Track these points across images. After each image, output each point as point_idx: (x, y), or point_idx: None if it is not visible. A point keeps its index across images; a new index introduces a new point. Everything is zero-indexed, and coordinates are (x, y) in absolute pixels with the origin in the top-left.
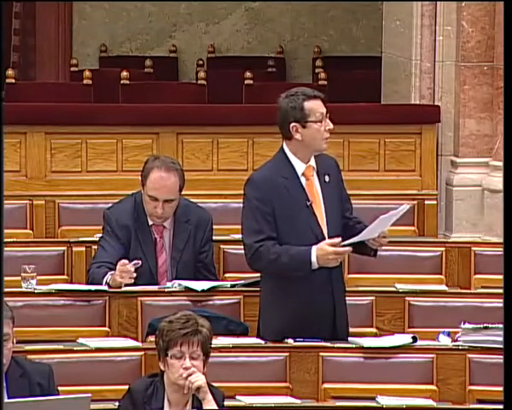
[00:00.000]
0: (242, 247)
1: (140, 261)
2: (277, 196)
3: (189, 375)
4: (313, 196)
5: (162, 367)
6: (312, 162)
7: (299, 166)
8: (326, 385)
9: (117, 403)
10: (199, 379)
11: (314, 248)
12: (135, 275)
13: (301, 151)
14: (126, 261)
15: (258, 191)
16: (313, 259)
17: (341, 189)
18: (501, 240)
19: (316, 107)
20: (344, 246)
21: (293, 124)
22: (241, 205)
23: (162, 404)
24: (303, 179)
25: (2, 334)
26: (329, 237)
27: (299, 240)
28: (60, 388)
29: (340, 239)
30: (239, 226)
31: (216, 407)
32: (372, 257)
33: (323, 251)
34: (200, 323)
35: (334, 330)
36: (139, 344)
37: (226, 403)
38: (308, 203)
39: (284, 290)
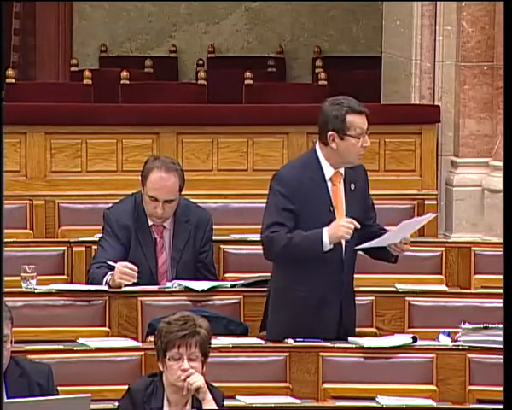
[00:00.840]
0: (245, 245)
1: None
2: (302, 195)
3: (188, 377)
4: (336, 201)
5: (161, 368)
6: (341, 169)
7: (328, 171)
8: (326, 385)
9: (117, 403)
10: (197, 380)
11: (325, 228)
12: (136, 276)
13: (333, 159)
14: (128, 264)
15: (284, 188)
16: (325, 239)
17: (366, 196)
18: (501, 240)
19: (357, 122)
20: (363, 249)
21: (331, 132)
22: (242, 204)
23: (162, 404)
24: (329, 184)
25: (3, 334)
26: (346, 244)
27: None
28: (60, 388)
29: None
30: (239, 226)
31: (216, 406)
32: (393, 263)
33: (334, 222)
34: (198, 324)
35: (339, 333)
36: (139, 344)
37: (226, 403)
38: (331, 209)
39: (291, 292)
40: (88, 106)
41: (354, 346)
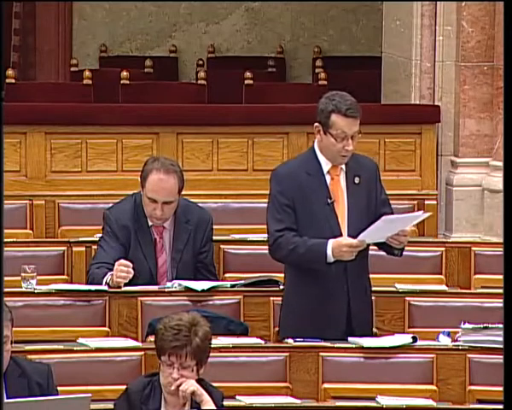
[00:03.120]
0: (245, 245)
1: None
2: (298, 190)
3: (178, 385)
4: (337, 195)
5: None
6: None
7: (326, 164)
8: (326, 385)
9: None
10: (189, 385)
11: (330, 241)
12: (132, 272)
13: (322, 151)
14: (124, 261)
15: (279, 185)
16: (328, 252)
17: (376, 192)
18: (501, 240)
19: (341, 124)
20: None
21: (316, 124)
22: (242, 204)
23: (159, 404)
24: (328, 177)
25: (3, 334)
26: (349, 237)
27: (318, 237)
28: (60, 388)
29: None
30: (239, 226)
31: (214, 406)
32: (399, 257)
33: (338, 243)
34: (193, 332)
35: (350, 330)
36: (139, 344)
37: (226, 403)
38: (329, 201)
39: (298, 291)
40: (88, 106)
41: (354, 346)
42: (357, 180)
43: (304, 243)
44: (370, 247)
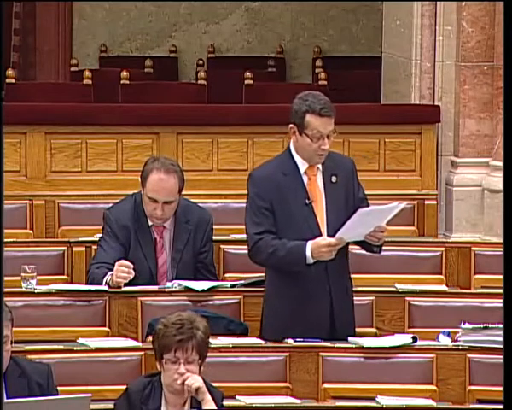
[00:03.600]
0: (245, 245)
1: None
2: (275, 192)
3: (185, 380)
4: (315, 195)
5: (159, 368)
6: None
7: (302, 164)
8: (326, 385)
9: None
10: (195, 381)
11: (309, 242)
12: (133, 272)
13: (298, 152)
14: (124, 262)
15: (256, 187)
16: (307, 253)
17: (353, 189)
18: (501, 240)
19: (316, 124)
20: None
21: (291, 125)
22: (242, 204)
23: (160, 404)
24: (305, 178)
25: (3, 334)
26: (329, 237)
27: (298, 238)
28: (60, 388)
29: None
30: (239, 226)
31: (215, 407)
32: (378, 253)
33: (316, 244)
34: (195, 326)
35: (333, 330)
36: (139, 344)
37: (226, 403)
38: (307, 202)
39: (280, 292)
40: (88, 106)
41: (354, 346)
42: (334, 179)
43: (283, 245)
44: (352, 247)
